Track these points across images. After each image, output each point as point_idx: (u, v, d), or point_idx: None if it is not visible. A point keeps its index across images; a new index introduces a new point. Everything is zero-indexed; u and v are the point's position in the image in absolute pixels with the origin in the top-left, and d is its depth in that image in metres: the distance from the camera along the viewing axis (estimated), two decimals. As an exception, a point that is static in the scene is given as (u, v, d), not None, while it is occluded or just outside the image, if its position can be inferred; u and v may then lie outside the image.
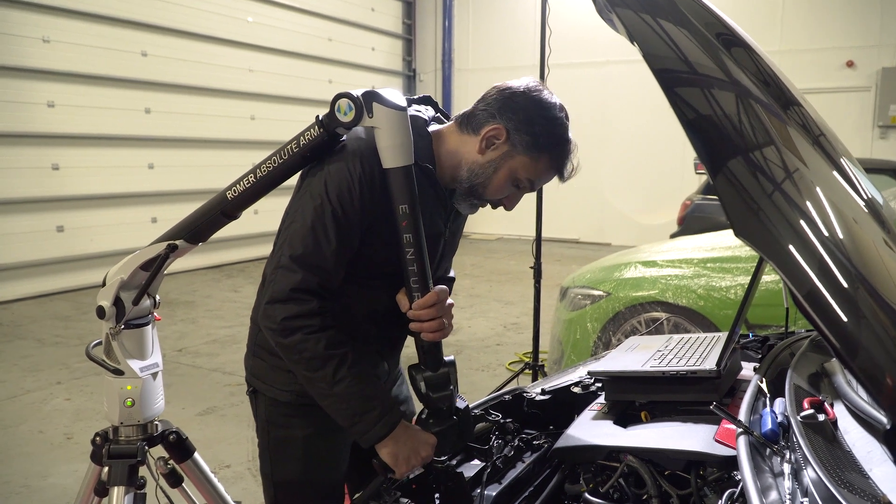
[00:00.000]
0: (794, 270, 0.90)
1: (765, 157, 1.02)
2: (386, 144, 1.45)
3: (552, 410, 2.03)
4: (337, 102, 1.44)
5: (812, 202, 1.01)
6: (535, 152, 1.53)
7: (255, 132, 10.17)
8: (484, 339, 6.10)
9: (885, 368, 0.87)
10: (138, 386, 1.78)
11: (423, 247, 1.50)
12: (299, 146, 1.49)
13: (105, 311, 1.75)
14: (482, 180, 1.56)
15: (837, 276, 0.90)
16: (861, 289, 0.92)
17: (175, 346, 5.90)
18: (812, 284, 0.88)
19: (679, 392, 1.72)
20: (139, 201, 8.75)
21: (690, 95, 1.07)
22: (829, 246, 0.94)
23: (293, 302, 1.44)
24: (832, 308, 0.87)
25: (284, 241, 1.49)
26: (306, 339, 1.43)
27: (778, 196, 0.97)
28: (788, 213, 0.95)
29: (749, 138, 1.04)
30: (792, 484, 1.12)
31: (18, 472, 3.58)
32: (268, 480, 1.68)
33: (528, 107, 1.52)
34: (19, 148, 7.48)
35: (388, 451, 1.48)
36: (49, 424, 4.23)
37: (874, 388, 0.88)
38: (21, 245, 7.54)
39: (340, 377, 1.45)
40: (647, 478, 1.48)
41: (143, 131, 8.68)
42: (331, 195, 1.45)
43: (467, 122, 1.57)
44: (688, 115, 1.02)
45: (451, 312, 1.58)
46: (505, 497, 1.62)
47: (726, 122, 1.06)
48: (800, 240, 0.92)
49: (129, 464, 1.76)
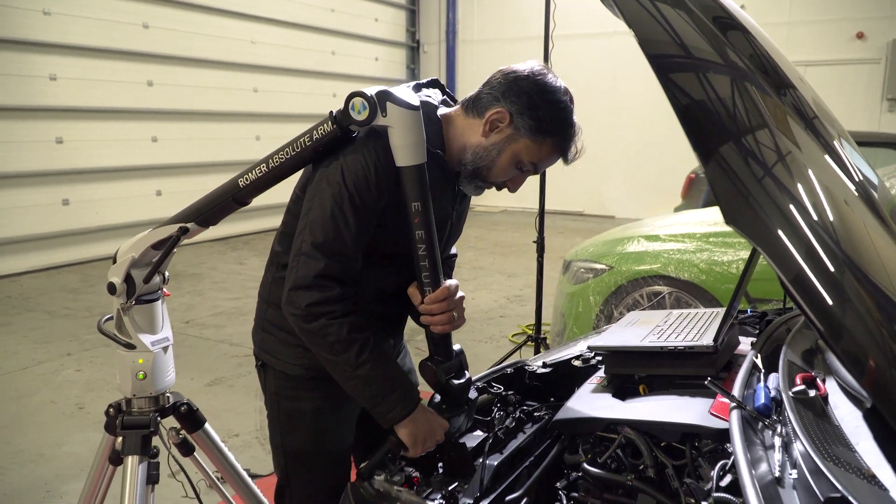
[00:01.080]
0: (782, 256, 0.92)
1: (756, 141, 1.04)
2: (399, 144, 1.47)
3: (553, 383, 2.08)
4: (351, 101, 1.46)
5: (802, 186, 1.03)
6: (539, 136, 1.55)
7: (258, 104, 10.16)
8: (487, 312, 6.15)
9: (868, 351, 0.90)
10: (150, 359, 1.83)
11: (435, 243, 1.53)
12: (312, 140, 1.52)
13: (116, 288, 1.79)
14: (486, 163, 1.58)
15: (824, 261, 0.93)
16: (847, 273, 0.94)
17: (182, 317, 5.96)
18: (799, 269, 0.91)
19: (677, 366, 1.76)
20: (143, 174, 8.78)
21: (685, 81, 1.09)
22: (817, 230, 0.96)
23: (316, 289, 1.48)
24: (818, 293, 0.90)
25: (304, 227, 1.52)
26: (330, 324, 1.47)
27: (768, 181, 0.99)
28: (778, 199, 0.97)
29: (742, 123, 1.06)
30: (782, 456, 1.16)
31: (33, 441, 3.66)
32: (278, 450, 1.73)
33: (532, 90, 1.53)
34: (22, 121, 7.49)
35: (407, 432, 1.52)
36: (61, 395, 4.31)
37: (857, 370, 0.91)
38: (28, 218, 7.59)
39: (363, 360, 1.49)
40: (643, 449, 1.53)
41: (145, 104, 8.67)
42: (348, 183, 1.48)
43: (473, 105, 1.59)
44: (682, 102, 1.04)
45: (462, 305, 1.63)
46: (506, 466, 1.67)
47: (720, 107, 1.08)
48: (789, 225, 0.95)
49: (142, 434, 1.82)
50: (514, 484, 1.68)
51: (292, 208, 1.66)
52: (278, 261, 1.69)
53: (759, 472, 1.12)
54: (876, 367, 0.89)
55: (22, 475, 3.31)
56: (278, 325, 1.68)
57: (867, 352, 0.90)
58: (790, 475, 1.11)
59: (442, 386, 1.62)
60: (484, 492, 1.57)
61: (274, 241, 1.72)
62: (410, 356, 1.99)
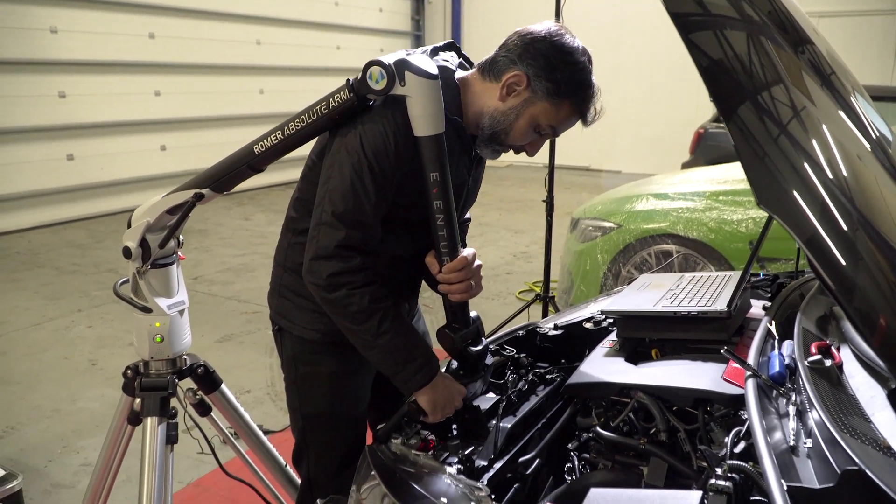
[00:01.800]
0: (796, 217, 0.92)
1: (773, 98, 1.03)
2: (418, 114, 1.46)
3: (564, 345, 2.10)
4: (369, 70, 1.44)
5: (817, 144, 1.01)
6: (557, 98, 1.53)
7: (261, 57, 10.03)
8: (494, 268, 6.17)
9: (880, 309, 0.90)
10: (166, 323, 1.85)
11: (453, 213, 1.53)
12: (328, 108, 1.51)
13: (132, 252, 1.80)
14: (504, 127, 1.57)
15: (838, 221, 0.92)
16: (861, 231, 0.94)
17: (190, 274, 5.99)
18: (814, 230, 0.90)
19: (689, 331, 1.77)
20: (147, 129, 8.72)
21: (704, 39, 1.07)
22: (831, 188, 0.95)
23: (337, 259, 1.48)
24: (832, 252, 0.89)
25: (324, 197, 1.51)
26: (351, 293, 1.48)
27: (783, 140, 0.99)
28: (793, 158, 0.97)
29: (758, 80, 1.04)
30: (797, 425, 1.18)
31: (48, 398, 3.73)
32: (296, 413, 1.76)
33: (549, 52, 1.51)
34: (25, 76, 7.42)
35: (427, 399, 1.54)
36: (74, 351, 4.36)
37: (867, 328, 0.91)
38: (33, 174, 7.58)
39: (384, 329, 1.50)
40: (656, 413, 1.55)
41: (147, 57, 8.57)
42: (367, 151, 1.47)
43: (489, 69, 1.57)
44: (703, 63, 1.03)
45: (480, 274, 1.63)
46: (519, 428, 1.70)
47: (737, 65, 1.06)
48: (803, 185, 0.94)
49: (160, 396, 1.85)
50: (527, 445, 1.71)
51: (308, 174, 1.65)
52: (294, 226, 1.70)
53: (773, 441, 1.14)
54: (887, 325, 0.89)
55: (38, 431, 3.38)
56: (295, 290, 1.69)
57: (879, 310, 0.90)
58: (805, 444, 1.12)
59: (459, 353, 1.63)
60: (498, 454, 1.60)
61: (289, 207, 1.72)
62: (424, 319, 2.01)
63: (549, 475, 1.78)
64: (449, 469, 1.33)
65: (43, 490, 2.88)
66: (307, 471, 1.78)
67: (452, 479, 1.27)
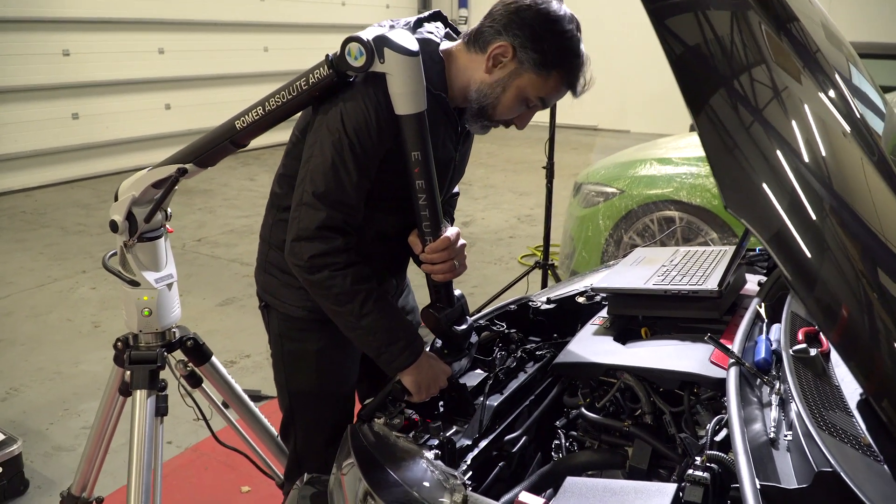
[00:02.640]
0: (764, 214, 0.88)
1: (747, 84, 0.97)
2: (398, 91, 1.42)
3: (557, 319, 2.08)
4: (347, 46, 1.40)
5: (793, 126, 0.96)
6: (544, 70, 1.48)
7: (265, 14, 9.87)
8: (497, 232, 6.14)
9: (842, 299, 0.86)
10: (154, 296, 1.85)
11: (436, 192, 1.50)
12: (308, 84, 1.47)
13: (118, 226, 1.79)
14: (491, 101, 1.52)
15: (807, 209, 0.87)
16: (830, 218, 0.89)
17: (194, 235, 6.00)
18: (780, 225, 0.86)
19: (680, 309, 1.75)
20: (152, 87, 8.66)
21: (679, 24, 1.02)
22: (802, 172, 0.89)
23: (319, 240, 1.46)
24: (797, 245, 0.85)
25: (305, 176, 1.48)
26: (333, 275, 1.46)
27: (756, 128, 0.94)
28: (765, 145, 0.92)
29: (735, 65, 0.99)
30: (778, 415, 1.16)
31: (51, 359, 3.76)
32: (282, 390, 1.76)
33: (535, 22, 1.45)
34: (28, 34, 7.35)
35: (412, 380, 1.53)
36: (77, 313, 4.39)
37: (827, 320, 0.87)
38: (38, 132, 7.56)
39: (367, 311, 1.48)
40: (641, 395, 1.54)
41: (151, 14, 8.46)
42: (348, 129, 1.44)
43: (474, 40, 1.52)
44: (676, 51, 0.98)
45: (464, 253, 1.61)
46: (506, 405, 1.70)
47: (713, 49, 1.00)
48: (773, 174, 0.89)
49: (149, 369, 1.85)
50: (515, 423, 1.70)
51: (291, 150, 1.62)
52: (279, 203, 1.67)
53: (753, 432, 1.12)
54: (848, 315, 0.85)
55: (40, 393, 3.42)
56: (280, 267, 1.67)
57: (841, 301, 0.86)
58: (785, 437, 1.11)
59: (444, 332, 1.62)
60: (483, 432, 1.60)
61: (273, 183, 1.69)
62: (413, 294, 1.99)
63: (537, 452, 1.78)
64: (427, 454, 1.32)
65: (44, 453, 2.92)
66: (294, 446, 1.78)
67: (429, 465, 1.27)
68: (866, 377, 0.84)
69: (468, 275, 5.13)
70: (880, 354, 0.84)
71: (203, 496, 2.69)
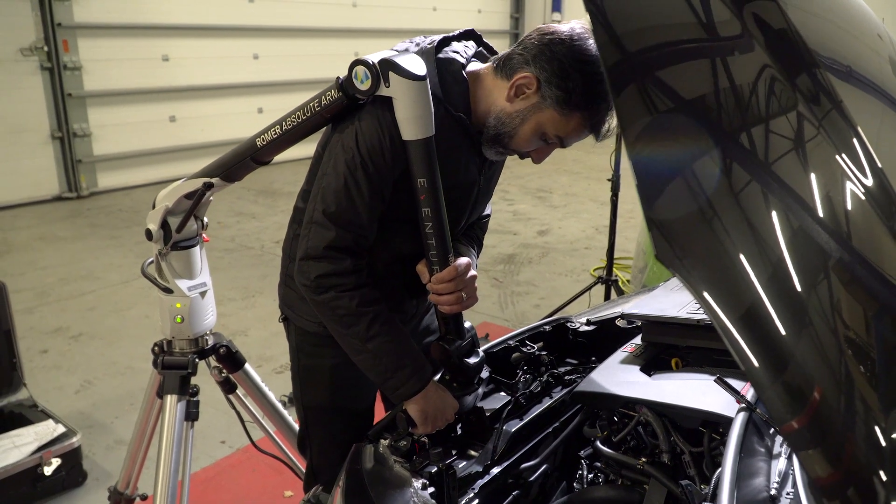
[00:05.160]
0: (732, 288, 0.78)
1: (735, 146, 0.86)
2: (403, 116, 1.39)
3: (597, 341, 2.00)
4: (354, 69, 1.38)
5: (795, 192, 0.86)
6: (567, 108, 1.40)
7: (356, 20, 10.07)
8: (573, 242, 6.01)
9: (816, 381, 0.75)
10: (187, 304, 1.89)
11: (444, 219, 1.45)
12: (321, 106, 1.46)
13: (153, 234, 1.83)
14: (508, 130, 1.47)
15: (792, 278, 0.78)
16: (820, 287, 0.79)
17: (274, 237, 6.17)
18: (753, 300, 0.77)
19: (716, 340, 1.63)
20: (245, 92, 8.98)
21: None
22: (795, 241, 0.80)
23: (326, 260, 1.44)
24: (771, 324, 0.76)
25: (317, 194, 1.47)
26: (340, 296, 1.44)
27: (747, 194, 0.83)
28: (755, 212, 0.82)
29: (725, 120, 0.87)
30: (786, 468, 1.06)
31: (125, 354, 3.94)
32: (298, 404, 1.76)
33: (566, 58, 1.38)
34: (130, 39, 7.76)
35: (418, 409, 1.48)
36: (155, 310, 4.50)
37: (788, 408, 0.75)
38: (137, 134, 7.97)
39: (373, 334, 1.45)
40: (659, 432, 1.45)
41: (246, 21, 8.78)
42: (361, 149, 1.42)
43: (503, 65, 1.47)
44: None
45: (474, 285, 1.54)
46: (526, 432, 1.64)
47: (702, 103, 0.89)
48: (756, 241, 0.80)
49: (180, 375, 1.89)
50: (536, 450, 1.64)
51: (314, 166, 1.62)
52: (300, 217, 1.66)
53: (752, 486, 1.03)
54: (820, 399, 0.74)
55: (111, 387, 3.59)
56: (299, 280, 1.67)
57: (815, 383, 0.75)
58: (787, 495, 1.01)
59: (455, 366, 1.56)
60: (498, 458, 1.54)
61: (298, 197, 1.70)
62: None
63: (561, 481, 1.71)
64: (416, 483, 1.28)
65: (106, 446, 3.06)
66: (310, 459, 1.78)
67: (414, 496, 1.23)
68: (832, 465, 0.73)
69: (536, 286, 5.06)
70: (853, 437, 0.73)
71: (247, 498, 2.74)
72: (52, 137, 7.27)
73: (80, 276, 5.17)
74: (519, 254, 5.68)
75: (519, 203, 7.34)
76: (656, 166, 0.80)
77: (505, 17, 13.44)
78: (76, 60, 7.27)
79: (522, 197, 7.62)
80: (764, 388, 0.74)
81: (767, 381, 0.75)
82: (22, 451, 2.62)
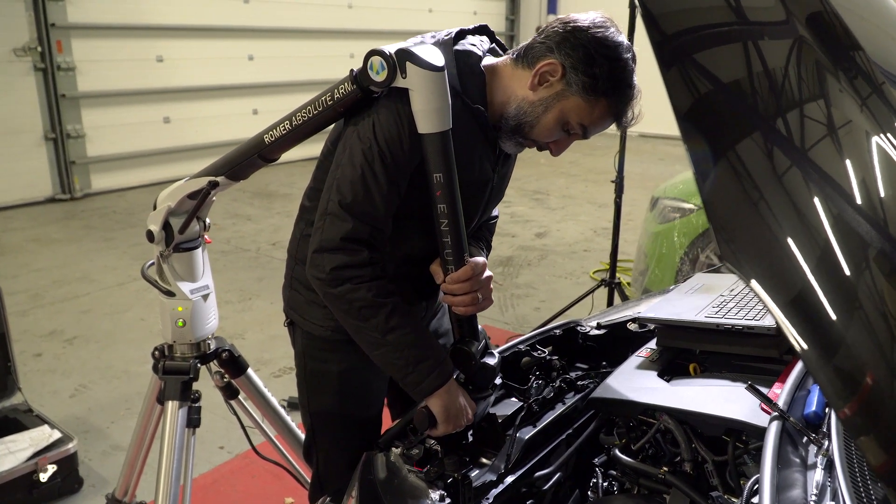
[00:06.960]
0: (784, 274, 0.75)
1: (779, 129, 0.83)
2: (420, 108, 1.34)
3: (607, 346, 1.96)
4: (370, 60, 1.33)
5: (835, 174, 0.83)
6: (592, 95, 1.38)
7: (352, 21, 10.03)
8: (571, 245, 5.97)
9: (868, 365, 0.72)
10: (189, 307, 1.83)
11: (460, 217, 1.41)
12: (333, 100, 1.42)
13: (154, 236, 1.78)
14: (530, 119, 1.43)
15: (840, 261, 0.74)
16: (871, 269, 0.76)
17: (270, 239, 6.11)
18: (803, 284, 0.73)
19: (735, 345, 1.60)
20: (240, 93, 8.92)
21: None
22: (841, 225, 0.77)
23: (343, 252, 1.39)
24: (822, 307, 0.72)
25: (332, 185, 1.42)
26: (356, 288, 1.39)
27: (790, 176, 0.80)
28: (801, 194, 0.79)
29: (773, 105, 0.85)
30: (823, 480, 1.02)
31: (121, 358, 3.88)
32: (304, 410, 1.71)
33: (591, 44, 1.36)
34: (124, 40, 7.70)
35: (441, 404, 1.43)
36: (151, 312, 4.52)
37: (843, 392, 0.72)
38: (132, 135, 7.90)
39: (392, 325, 1.40)
40: (681, 441, 1.40)
41: (241, 22, 8.73)
42: (379, 139, 1.37)
43: (524, 55, 1.44)
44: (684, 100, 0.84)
45: (490, 286, 1.50)
46: (540, 439, 1.59)
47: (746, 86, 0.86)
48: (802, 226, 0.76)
49: (181, 380, 1.84)
50: (549, 457, 1.60)
51: (322, 162, 1.57)
52: (307, 216, 1.62)
53: (789, 499, 0.98)
54: (872, 385, 0.70)
55: (106, 391, 3.52)
56: (305, 284, 1.62)
57: (866, 368, 0.71)
58: (826, 508, 0.96)
59: (473, 369, 1.51)
60: (512, 466, 1.50)
61: (304, 196, 1.65)
62: (448, 318, 1.91)
63: (575, 489, 1.67)
64: (433, 494, 1.24)
65: (102, 451, 2.99)
66: (316, 466, 1.73)
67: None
68: (886, 451, 0.70)
69: (535, 289, 5.02)
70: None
71: (247, 504, 2.69)
72: (45, 138, 7.20)
73: (74, 279, 5.11)
74: (517, 256, 5.64)
75: (516, 205, 7.30)
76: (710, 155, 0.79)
77: (500, 20, 13.43)
78: (70, 61, 7.21)
79: (520, 199, 7.58)
80: (818, 371, 0.71)
81: (820, 365, 0.71)
82: (17, 457, 2.55)
